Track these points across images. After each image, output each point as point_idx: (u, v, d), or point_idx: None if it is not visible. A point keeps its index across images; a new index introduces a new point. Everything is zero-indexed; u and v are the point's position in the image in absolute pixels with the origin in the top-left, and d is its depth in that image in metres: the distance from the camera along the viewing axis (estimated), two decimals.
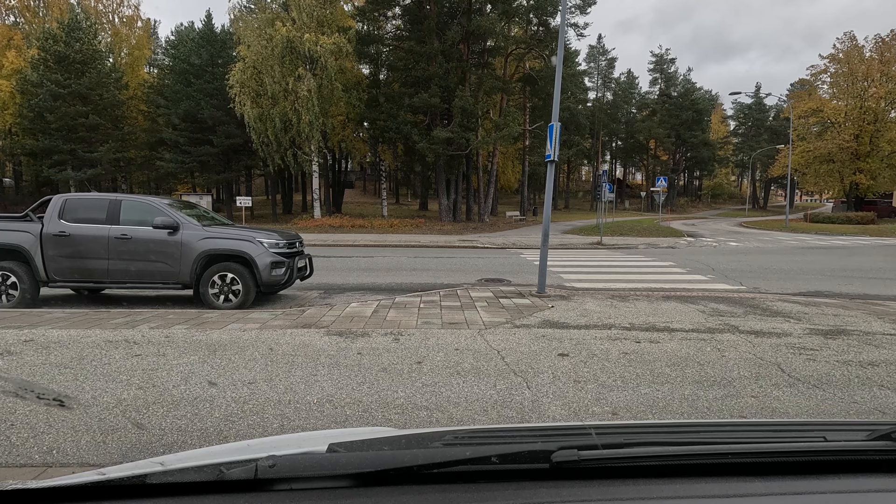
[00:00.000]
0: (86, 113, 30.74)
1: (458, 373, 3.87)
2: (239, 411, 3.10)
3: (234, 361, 4.03)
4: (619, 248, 17.71)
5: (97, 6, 38.92)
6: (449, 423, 3.06)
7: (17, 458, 2.51)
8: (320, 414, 3.11)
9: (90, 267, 6.62)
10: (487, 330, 5.22)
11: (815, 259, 14.11)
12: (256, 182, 49.64)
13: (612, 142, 65.42)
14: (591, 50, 60.26)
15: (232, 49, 32.64)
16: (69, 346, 4.39)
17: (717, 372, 3.98)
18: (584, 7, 33.31)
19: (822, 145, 35.79)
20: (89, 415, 3.00)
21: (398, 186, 54.37)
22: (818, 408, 3.35)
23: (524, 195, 39.44)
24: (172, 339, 4.64)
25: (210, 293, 6.58)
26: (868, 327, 5.57)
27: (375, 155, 39.38)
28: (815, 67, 38.12)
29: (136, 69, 40.95)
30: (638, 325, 5.54)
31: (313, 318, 5.67)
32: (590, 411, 3.23)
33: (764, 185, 68.92)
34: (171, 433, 2.80)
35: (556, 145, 7.29)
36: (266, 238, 6.86)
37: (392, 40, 31.25)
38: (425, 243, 18.29)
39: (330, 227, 25.55)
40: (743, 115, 65.50)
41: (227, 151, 32.92)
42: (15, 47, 33.73)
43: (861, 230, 27.94)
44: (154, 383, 3.53)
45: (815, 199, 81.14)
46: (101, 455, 2.56)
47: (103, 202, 6.83)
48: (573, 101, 45.80)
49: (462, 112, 26.26)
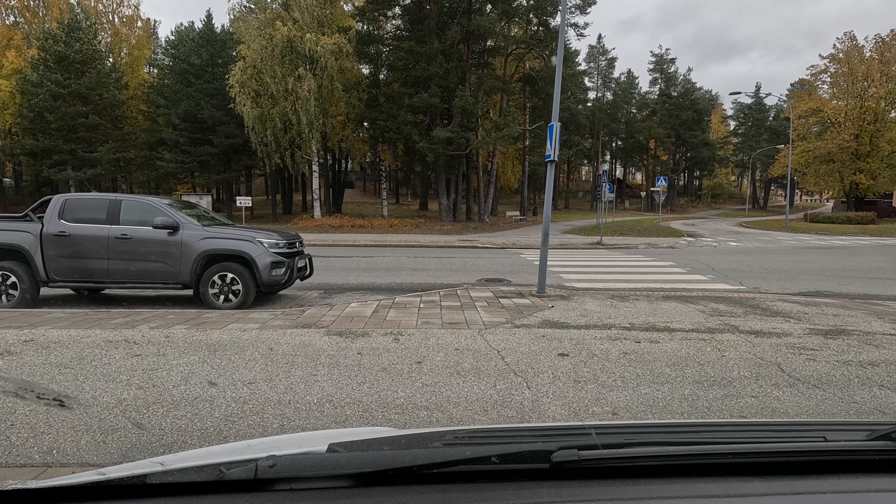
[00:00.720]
0: (86, 113, 30.74)
1: (458, 373, 3.87)
2: (239, 411, 3.10)
3: (234, 361, 4.03)
4: (619, 248, 17.71)
5: (97, 6, 38.94)
6: (449, 422, 3.05)
7: (17, 458, 2.51)
8: (320, 414, 3.11)
9: (90, 267, 6.62)
10: (487, 330, 5.22)
11: (815, 259, 14.11)
12: (256, 182, 49.64)
13: (612, 142, 65.41)
14: (591, 50, 60.31)
15: (232, 49, 32.67)
16: (69, 346, 4.39)
17: (717, 372, 3.98)
18: (584, 7, 33.31)
19: (822, 145, 35.79)
20: (89, 415, 3.00)
21: (398, 186, 54.37)
22: (818, 408, 3.35)
23: (524, 195, 39.44)
24: (172, 339, 4.64)
25: (210, 293, 6.58)
26: (868, 327, 5.57)
27: (375, 155, 39.38)
28: (815, 67, 38.18)
29: (136, 69, 40.95)
30: (638, 325, 5.54)
31: (313, 318, 5.67)
32: (590, 411, 3.23)
33: (764, 185, 68.92)
34: (171, 433, 2.80)
35: (557, 145, 7.29)
36: (266, 238, 6.86)
37: (392, 40, 31.24)
38: (425, 243, 18.28)
39: (330, 227, 25.55)
40: (743, 115, 65.49)
41: (227, 151, 32.93)
42: (15, 47, 33.73)
43: (861, 230, 27.94)
44: (154, 383, 3.53)
45: (815, 199, 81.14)
46: (101, 455, 2.56)
47: (103, 202, 6.83)
48: (573, 101, 45.80)
49: (462, 112, 26.26)
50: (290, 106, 26.39)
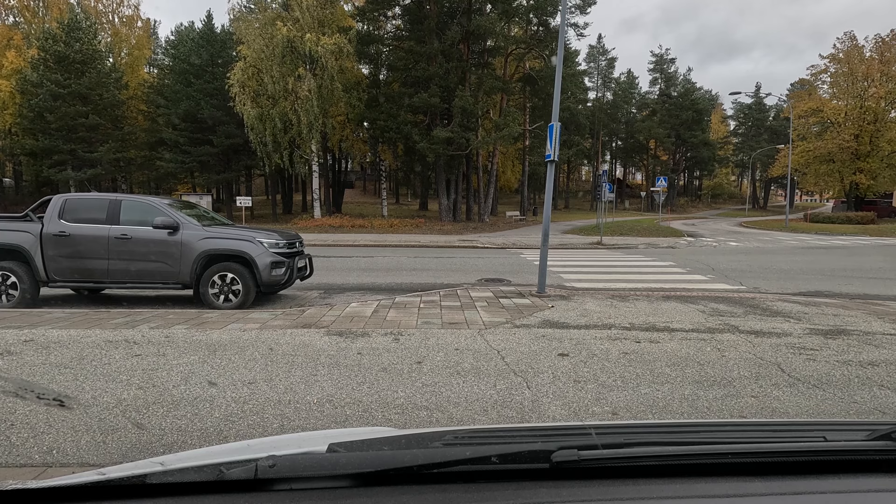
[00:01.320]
0: (86, 113, 30.75)
1: (458, 373, 3.87)
2: (239, 411, 3.10)
3: (234, 361, 4.03)
4: (619, 247, 17.71)
5: (97, 6, 38.93)
6: (449, 422, 3.05)
7: (17, 458, 2.51)
8: (320, 414, 3.11)
9: (90, 267, 6.62)
10: (487, 330, 5.22)
11: (815, 259, 14.11)
12: (256, 182, 49.64)
13: (611, 142, 65.42)
14: (591, 50, 60.30)
15: (232, 49, 32.65)
16: (69, 346, 4.39)
17: (717, 372, 3.98)
18: (584, 7, 33.32)
19: (822, 145, 35.79)
20: (89, 414, 3.00)
21: (398, 186, 54.37)
22: (818, 407, 3.35)
23: (524, 195, 39.45)
24: (172, 339, 4.64)
25: (210, 293, 6.58)
26: (868, 327, 5.57)
27: (375, 155, 39.38)
28: (815, 67, 38.19)
29: (136, 69, 40.95)
30: (638, 325, 5.54)
31: (313, 318, 5.67)
32: (590, 411, 3.23)
33: (764, 185, 68.93)
34: (171, 433, 2.80)
35: (557, 145, 7.29)
36: (266, 238, 6.86)
37: (392, 40, 31.25)
38: (425, 243, 18.28)
39: (330, 227, 25.55)
40: (743, 115, 65.51)
41: (227, 151, 32.93)
42: (15, 47, 33.72)
43: (861, 230, 27.94)
44: (154, 383, 3.53)
45: (814, 199, 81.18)
46: (101, 455, 2.56)
47: (103, 202, 6.83)
48: (573, 101, 45.80)
49: (462, 112, 26.26)
50: (290, 106, 26.39)
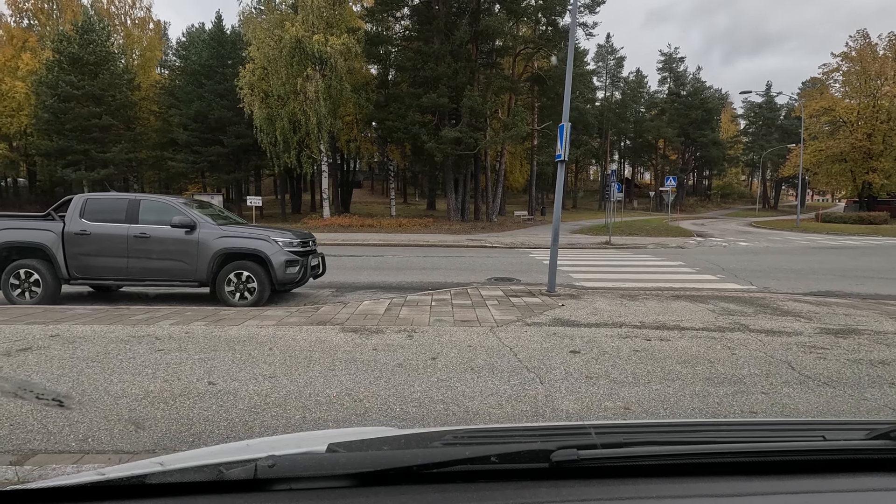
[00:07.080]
0: (99, 114, 31.15)
1: (472, 368, 3.96)
2: (262, 403, 3.21)
3: (253, 357, 4.14)
4: (628, 247, 17.69)
5: (110, 8, 39.40)
6: (465, 416, 3.14)
7: (55, 445, 2.63)
8: (340, 406, 3.21)
9: (110, 265, 6.79)
10: (499, 327, 5.30)
11: (826, 259, 14.02)
12: (266, 182, 49.95)
13: (620, 141, 65.07)
14: (599, 49, 60.08)
15: (242, 50, 32.86)
16: (94, 340, 4.53)
17: (727, 369, 4.03)
18: (593, 6, 33.21)
19: (834, 144, 35.39)
20: (119, 405, 3.13)
21: (406, 186, 54.51)
22: (828, 405, 3.39)
23: (532, 195, 39.40)
24: (193, 335, 4.77)
25: (226, 291, 6.72)
26: (879, 327, 5.58)
27: (384, 155, 39.53)
28: (827, 66, 37.76)
29: (148, 70, 41.39)
30: (648, 323, 5.59)
31: (328, 316, 5.78)
32: (602, 406, 3.30)
33: (774, 185, 68.20)
34: (199, 423, 2.92)
35: (567, 145, 7.34)
36: (281, 237, 6.98)
37: (401, 41, 31.33)
38: (434, 243, 18.38)
39: (339, 226, 25.71)
40: (753, 114, 64.87)
41: (237, 151, 33.23)
42: (30, 49, 34.26)
43: (874, 230, 27.61)
44: (179, 376, 3.65)
45: (826, 199, 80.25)
46: (133, 443, 2.68)
47: (123, 202, 6.99)
48: (582, 100, 45.64)
49: (470, 112, 26.31)
50: (298, 106, 26.58)
